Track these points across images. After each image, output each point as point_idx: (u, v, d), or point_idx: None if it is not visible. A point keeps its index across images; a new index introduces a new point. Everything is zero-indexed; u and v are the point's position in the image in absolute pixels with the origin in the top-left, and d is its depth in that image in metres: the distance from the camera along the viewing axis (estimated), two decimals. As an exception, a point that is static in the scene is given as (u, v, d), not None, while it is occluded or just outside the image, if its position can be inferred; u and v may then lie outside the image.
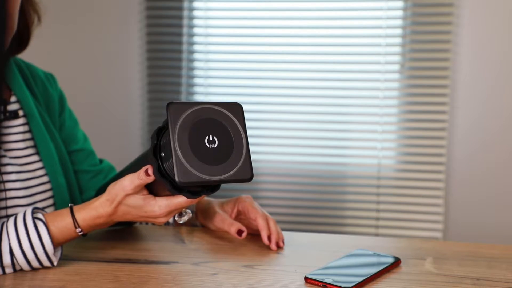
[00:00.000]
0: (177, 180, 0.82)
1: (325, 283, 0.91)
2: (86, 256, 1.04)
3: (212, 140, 0.84)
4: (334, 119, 2.53)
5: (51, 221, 0.97)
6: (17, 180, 1.12)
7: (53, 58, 2.57)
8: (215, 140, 0.85)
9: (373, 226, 2.52)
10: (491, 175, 2.43)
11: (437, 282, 0.94)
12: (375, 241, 1.29)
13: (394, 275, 0.97)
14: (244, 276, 0.96)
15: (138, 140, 2.65)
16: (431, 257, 1.06)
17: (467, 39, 2.39)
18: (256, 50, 2.58)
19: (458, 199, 2.47)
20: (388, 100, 2.49)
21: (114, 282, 0.92)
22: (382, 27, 2.45)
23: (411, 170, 2.49)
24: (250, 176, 0.86)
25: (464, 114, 2.42)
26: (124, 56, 2.63)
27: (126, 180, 0.92)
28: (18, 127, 1.16)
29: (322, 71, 2.52)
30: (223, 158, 0.84)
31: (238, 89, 2.61)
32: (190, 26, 2.59)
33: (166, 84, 2.63)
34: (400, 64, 2.48)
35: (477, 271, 0.99)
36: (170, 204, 0.93)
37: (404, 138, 2.51)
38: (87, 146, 1.32)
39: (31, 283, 0.92)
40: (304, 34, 2.52)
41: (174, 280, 0.94)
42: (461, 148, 2.44)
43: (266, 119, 2.58)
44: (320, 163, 2.57)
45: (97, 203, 0.97)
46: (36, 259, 0.95)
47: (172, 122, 0.83)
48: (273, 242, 1.10)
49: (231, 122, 0.86)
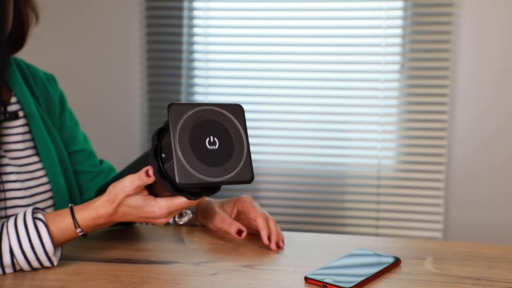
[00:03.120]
0: (177, 181, 0.82)
1: (325, 283, 0.91)
2: (86, 256, 1.04)
3: (213, 142, 0.85)
4: (334, 119, 2.53)
5: (51, 221, 0.97)
6: (17, 180, 1.12)
7: (52, 58, 2.57)
8: (216, 142, 0.85)
9: (373, 226, 2.52)
10: (491, 175, 2.43)
11: (437, 282, 0.94)
12: (375, 241, 1.29)
13: (394, 275, 0.98)
14: (244, 276, 0.96)
15: (138, 140, 2.65)
16: (431, 257, 1.06)
17: (467, 39, 2.39)
18: (256, 50, 2.58)
19: (458, 199, 2.47)
20: (388, 100, 2.49)
21: (114, 282, 0.92)
22: (382, 27, 2.45)
23: (411, 170, 2.49)
24: (251, 178, 0.86)
25: (464, 114, 2.43)
26: (124, 56, 2.63)
27: (127, 181, 0.92)
28: (18, 128, 1.16)
29: (322, 71, 2.52)
30: (223, 159, 0.85)
31: (238, 89, 2.61)
32: (190, 26, 2.60)
33: (166, 84, 2.63)
34: (400, 64, 2.48)
35: (477, 271, 0.99)
36: (170, 205, 0.93)
37: (404, 138, 2.51)
38: (88, 147, 1.32)
39: (31, 283, 0.92)
40: (304, 34, 2.52)
41: (174, 280, 0.94)
42: (461, 148, 2.44)
43: (266, 119, 2.58)
44: (320, 163, 2.57)
45: (97, 203, 0.97)
46: (36, 259, 0.95)
47: (173, 123, 0.83)
48: (273, 242, 1.10)
49: (232, 124, 0.86)
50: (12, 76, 1.18)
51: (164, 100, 2.62)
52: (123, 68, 2.63)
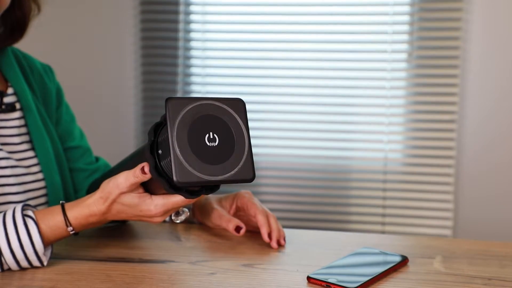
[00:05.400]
0: (175, 180, 0.82)
1: (329, 283, 0.91)
2: (78, 255, 1.04)
3: (212, 138, 0.84)
4: (338, 110, 2.53)
5: (41, 219, 0.97)
6: (12, 175, 1.12)
7: (45, 48, 2.56)
8: (215, 138, 0.84)
9: (379, 223, 2.52)
10: (504, 169, 2.43)
11: (447, 282, 0.95)
12: (381, 239, 1.29)
13: (401, 274, 0.98)
14: (243, 276, 0.96)
15: (132, 132, 2.65)
16: (440, 255, 1.07)
17: (478, 26, 2.38)
18: (257, 38, 2.58)
19: (468, 194, 2.47)
20: (395, 91, 2.49)
21: (107, 282, 0.92)
22: (388, 13, 2.45)
23: (419, 164, 2.49)
24: (252, 177, 0.86)
25: (475, 105, 2.42)
26: (117, 44, 2.62)
27: (121, 178, 0.92)
28: (14, 120, 1.15)
29: (325, 60, 2.52)
30: (223, 157, 0.84)
31: (238, 78, 2.61)
32: (187, 12, 2.59)
33: (161, 73, 2.62)
34: (407, 52, 2.48)
35: (489, 270, 1.00)
36: (166, 203, 0.93)
37: (412, 130, 2.51)
38: (84, 143, 1.31)
39: (19, 282, 0.93)
40: (307, 21, 2.52)
41: (170, 280, 0.94)
42: (472, 141, 2.44)
43: (267, 110, 2.58)
44: (323, 156, 2.57)
45: (90, 200, 0.96)
46: (26, 258, 0.95)
47: (171, 119, 0.83)
48: (273, 240, 1.10)
49: (233, 119, 0.86)
50: (9, 66, 1.18)
51: (160, 90, 2.62)
52: (116, 56, 2.63)
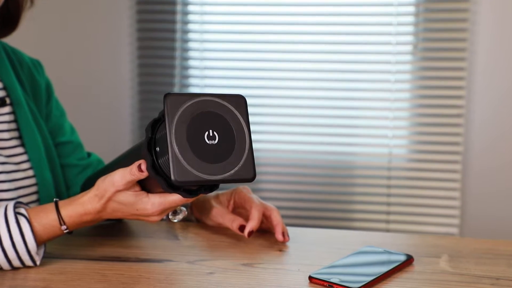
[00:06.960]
0: (173, 179, 0.81)
1: (331, 283, 0.91)
2: (72, 254, 1.04)
3: (212, 136, 0.84)
4: (341, 104, 2.53)
5: (34, 217, 0.96)
6: (2, 172, 1.12)
7: (36, 41, 2.56)
8: (215, 136, 0.84)
9: (383, 221, 2.53)
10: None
11: (453, 282, 0.95)
12: (385, 237, 1.29)
13: (406, 274, 0.98)
14: (243, 276, 0.96)
15: (128, 127, 2.65)
16: (447, 254, 1.07)
17: (486, 17, 2.38)
18: (258, 29, 2.57)
19: (476, 191, 2.47)
20: (400, 84, 2.49)
21: (102, 282, 0.92)
22: (393, 4, 2.44)
23: (425, 160, 2.49)
24: (252, 176, 0.86)
25: (483, 99, 2.42)
26: (112, 36, 2.62)
27: (117, 175, 0.92)
28: (4, 116, 1.15)
29: (328, 52, 2.52)
30: (223, 155, 0.84)
31: (237, 72, 2.61)
32: (184, 3, 2.58)
33: (158, 66, 2.62)
34: (413, 44, 2.47)
35: (496, 270, 1.00)
36: (164, 202, 0.92)
37: (417, 125, 2.51)
38: (75, 138, 1.31)
39: (12, 282, 0.93)
40: (310, 12, 2.52)
41: (167, 279, 0.95)
42: (480, 136, 2.44)
43: (268, 104, 2.58)
44: (325, 152, 2.56)
45: (84, 198, 0.96)
46: (18, 258, 0.95)
47: (169, 115, 0.83)
48: (279, 232, 1.10)
49: (234, 117, 0.86)
50: None
51: (156, 84, 2.62)
52: (111, 49, 2.63)
